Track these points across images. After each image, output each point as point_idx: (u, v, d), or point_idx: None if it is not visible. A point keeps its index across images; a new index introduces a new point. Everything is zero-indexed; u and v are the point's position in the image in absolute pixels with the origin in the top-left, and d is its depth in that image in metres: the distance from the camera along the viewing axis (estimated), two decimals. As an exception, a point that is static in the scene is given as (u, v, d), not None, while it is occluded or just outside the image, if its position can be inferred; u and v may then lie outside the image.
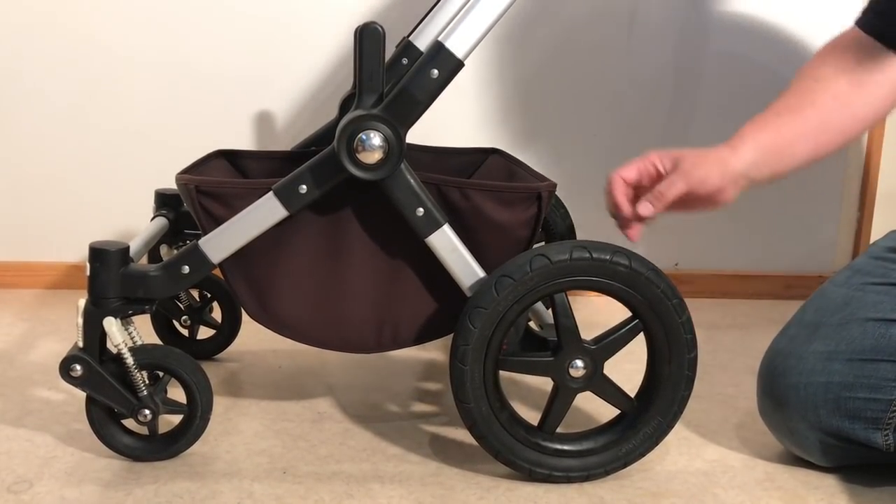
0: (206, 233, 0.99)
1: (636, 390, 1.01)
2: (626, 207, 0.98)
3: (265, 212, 0.97)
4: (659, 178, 0.99)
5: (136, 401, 0.99)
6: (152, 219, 1.20)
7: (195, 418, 1.01)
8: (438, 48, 0.93)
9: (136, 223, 1.59)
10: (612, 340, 0.98)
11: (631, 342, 0.98)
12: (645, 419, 0.99)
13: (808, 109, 1.01)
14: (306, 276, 1.01)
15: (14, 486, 0.97)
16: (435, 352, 1.38)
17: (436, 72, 0.93)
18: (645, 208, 0.96)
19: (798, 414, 1.00)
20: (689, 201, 0.97)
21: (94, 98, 1.59)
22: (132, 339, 0.99)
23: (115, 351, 0.98)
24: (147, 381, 1.00)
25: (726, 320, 1.59)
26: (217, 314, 1.32)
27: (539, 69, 1.62)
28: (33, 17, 1.56)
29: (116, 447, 1.01)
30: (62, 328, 1.45)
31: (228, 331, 1.32)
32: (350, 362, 1.32)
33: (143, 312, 0.99)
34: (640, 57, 1.63)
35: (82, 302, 0.98)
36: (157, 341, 1.27)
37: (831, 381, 0.98)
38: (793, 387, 1.00)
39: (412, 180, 0.96)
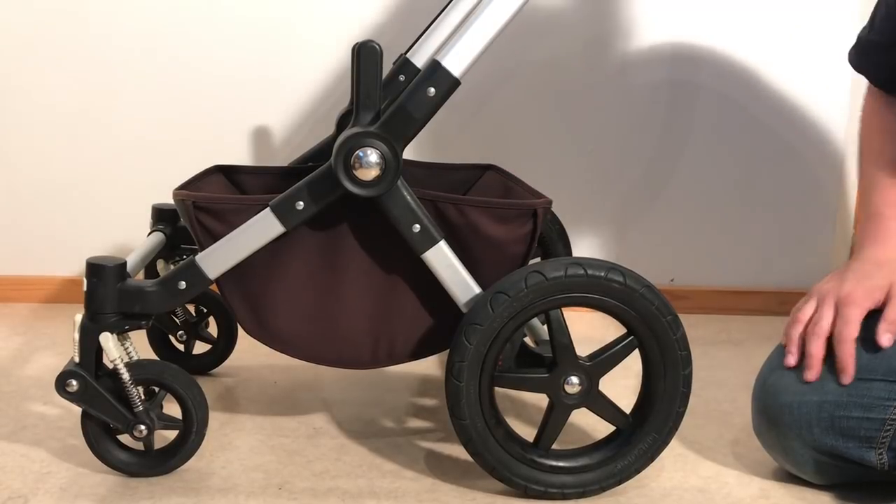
0: (202, 248, 0.99)
1: (631, 407, 1.01)
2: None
3: (262, 228, 0.97)
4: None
5: (131, 416, 0.99)
6: (149, 234, 1.20)
7: (191, 434, 1.01)
8: (435, 66, 0.94)
9: (132, 238, 1.59)
10: (608, 357, 0.98)
11: (626, 358, 0.99)
12: (640, 436, 0.99)
13: None
14: (303, 292, 1.01)
15: (9, 501, 0.97)
16: (430, 368, 1.38)
17: (432, 90, 0.94)
18: (887, 339, 0.98)
19: (792, 432, 1.00)
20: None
21: (91, 112, 1.59)
22: (128, 354, 0.99)
23: (111, 366, 0.98)
24: (143, 397, 1.00)
25: (721, 336, 1.59)
26: (213, 329, 1.32)
27: (534, 85, 1.63)
28: (29, 31, 1.56)
29: (112, 463, 1.01)
30: (58, 342, 1.45)
31: (224, 346, 1.33)
32: (346, 378, 1.32)
33: (139, 328, 0.99)
34: (635, 74, 1.64)
35: (79, 317, 0.98)
36: (153, 356, 1.27)
37: (825, 401, 0.98)
38: (787, 406, 1.00)
39: (409, 197, 0.97)
